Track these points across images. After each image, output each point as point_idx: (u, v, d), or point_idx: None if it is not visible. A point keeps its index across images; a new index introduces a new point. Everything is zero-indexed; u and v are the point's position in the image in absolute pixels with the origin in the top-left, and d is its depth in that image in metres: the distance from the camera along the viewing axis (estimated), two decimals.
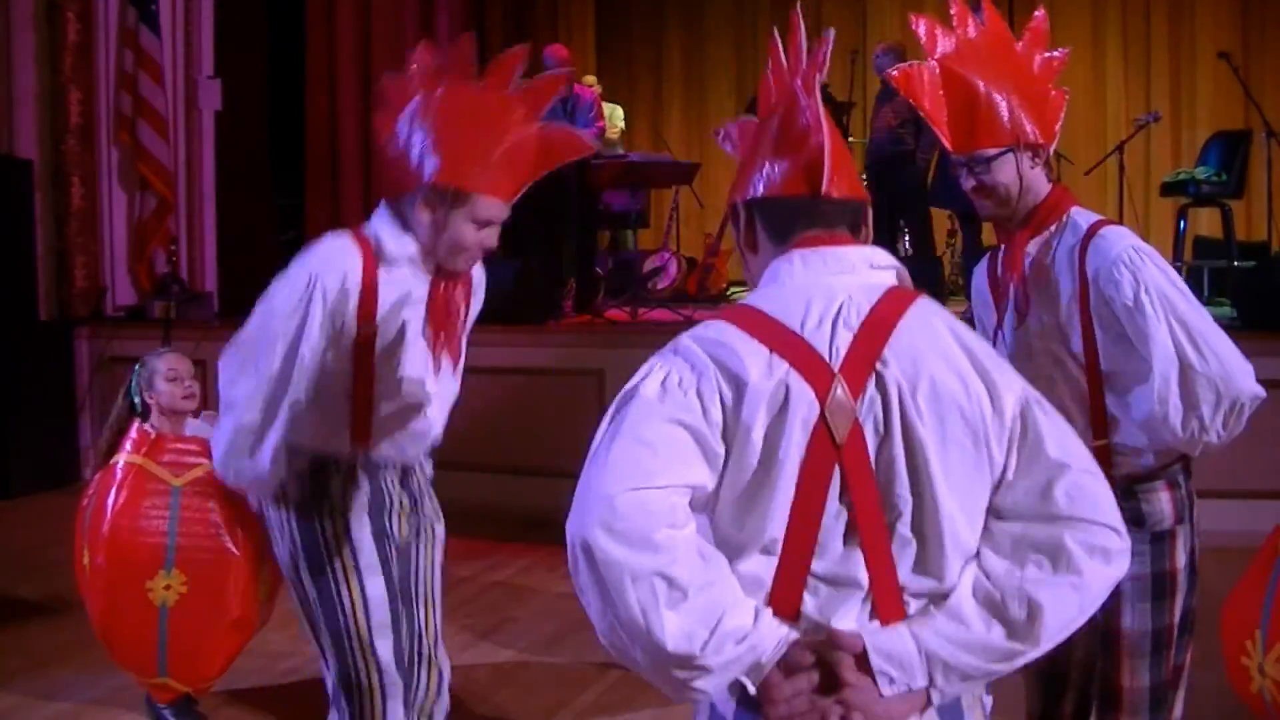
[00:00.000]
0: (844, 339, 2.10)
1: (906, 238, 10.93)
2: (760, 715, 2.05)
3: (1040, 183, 3.30)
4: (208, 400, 4.82)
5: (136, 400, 4.74)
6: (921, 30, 3.28)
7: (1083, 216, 3.30)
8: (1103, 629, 3.33)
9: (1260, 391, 3.16)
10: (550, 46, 11.30)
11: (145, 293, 10.27)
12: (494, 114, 3.17)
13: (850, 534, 2.06)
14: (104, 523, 4.50)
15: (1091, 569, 2.06)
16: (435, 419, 3.44)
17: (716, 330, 2.13)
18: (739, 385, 2.06)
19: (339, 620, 3.37)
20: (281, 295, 3.21)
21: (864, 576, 2.06)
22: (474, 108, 3.15)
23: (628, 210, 11.36)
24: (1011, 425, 2.12)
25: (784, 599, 2.07)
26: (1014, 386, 2.14)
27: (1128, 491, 3.15)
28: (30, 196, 9.48)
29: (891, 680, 2.02)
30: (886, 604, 2.07)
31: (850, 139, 11.18)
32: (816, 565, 2.06)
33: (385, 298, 3.24)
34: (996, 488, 2.12)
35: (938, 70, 3.24)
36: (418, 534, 3.49)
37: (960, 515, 2.08)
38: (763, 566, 2.07)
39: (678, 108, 15.55)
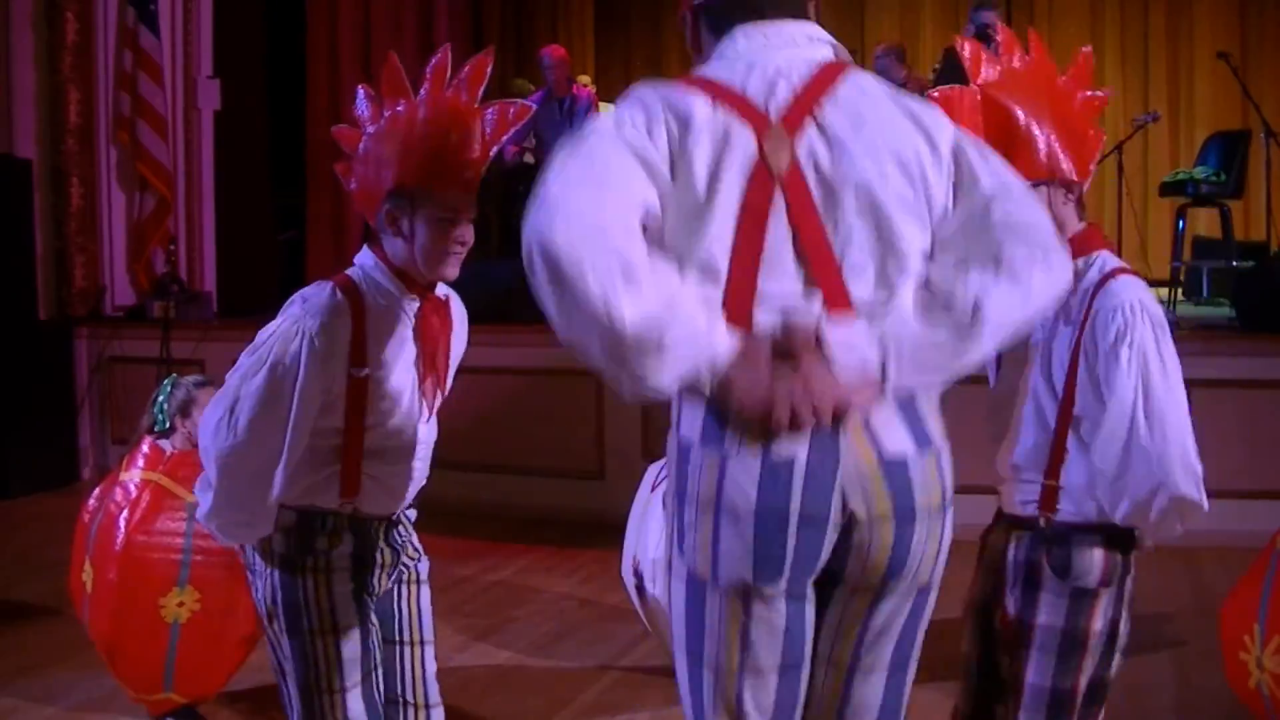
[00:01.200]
0: (783, 95, 2.29)
1: None
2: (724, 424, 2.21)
3: (1071, 219, 3.25)
4: None
5: (164, 419, 4.73)
6: (967, 54, 3.26)
7: (1110, 260, 3.28)
8: (1008, 672, 3.27)
9: (1195, 498, 3.02)
10: (548, 47, 11.30)
11: (144, 292, 10.26)
12: (434, 112, 3.18)
13: (799, 261, 2.22)
14: (116, 538, 4.50)
15: (1030, 271, 2.24)
16: (421, 467, 3.45)
17: (667, 85, 2.30)
18: (685, 121, 2.23)
19: (309, 677, 3.36)
20: (271, 349, 3.17)
21: (816, 297, 2.21)
22: (413, 114, 3.19)
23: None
24: (948, 164, 2.32)
25: (736, 316, 2.18)
26: (946, 130, 2.35)
27: (1063, 538, 3.12)
28: (29, 196, 9.47)
29: (849, 366, 2.15)
30: (839, 315, 2.21)
31: None
32: (768, 284, 2.21)
33: (375, 344, 3.23)
34: (940, 222, 2.31)
35: (979, 96, 3.24)
36: (400, 581, 3.48)
37: (911, 229, 2.26)
38: (712, 288, 2.20)
39: None
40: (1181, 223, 10.55)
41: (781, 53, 2.35)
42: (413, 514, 3.53)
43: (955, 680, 3.48)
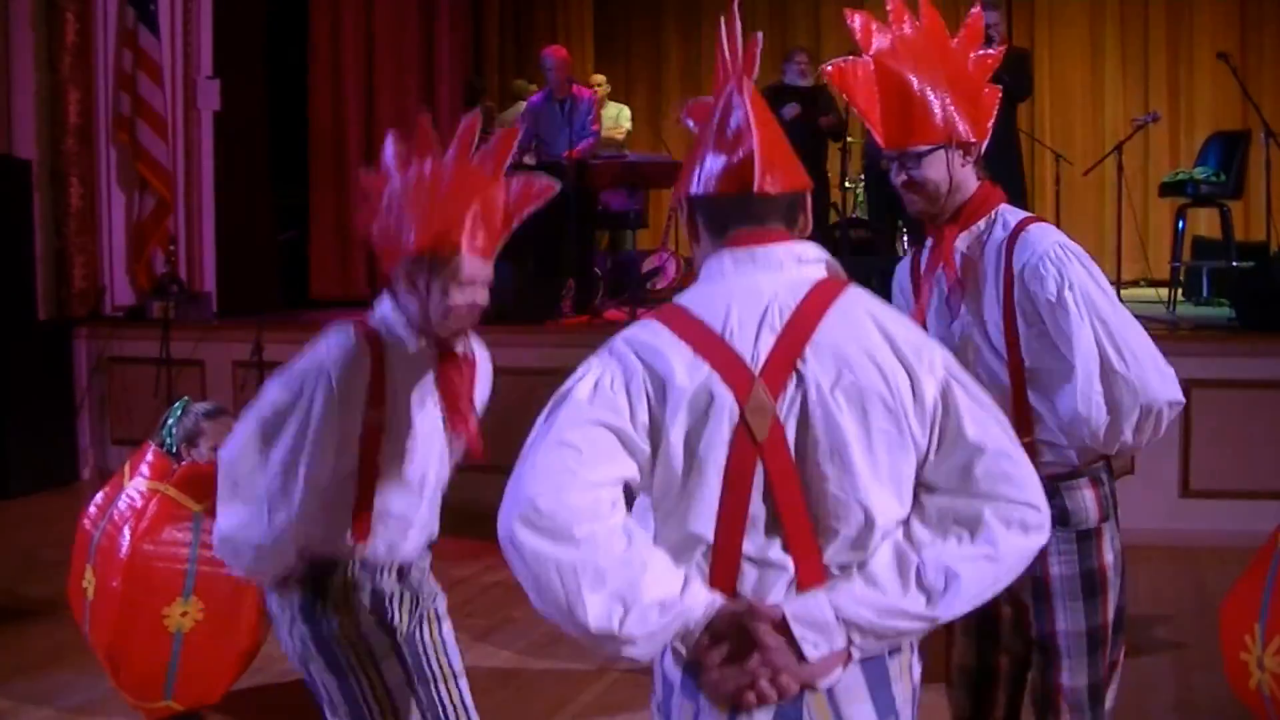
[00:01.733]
0: (767, 341, 2.25)
1: (905, 236, 10.93)
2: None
3: (969, 180, 3.33)
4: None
5: (171, 443, 4.72)
6: (857, 25, 3.27)
7: (1012, 214, 3.34)
8: (1038, 633, 3.35)
9: (1179, 398, 3.15)
10: (549, 47, 11.29)
11: (144, 293, 10.26)
12: (460, 179, 3.21)
13: (774, 523, 2.22)
14: (121, 547, 4.50)
15: (1008, 542, 2.23)
16: (430, 513, 3.50)
17: (649, 332, 2.29)
18: (663, 387, 2.22)
19: (363, 712, 3.41)
20: (292, 387, 3.22)
21: (789, 561, 2.22)
22: (440, 177, 3.21)
23: (626, 210, 11.35)
24: (932, 409, 2.25)
25: (721, 581, 2.24)
26: (935, 369, 2.27)
27: (1051, 489, 3.15)
28: (29, 196, 9.47)
29: (815, 645, 2.18)
30: (810, 583, 2.22)
31: (849, 139, 11.15)
32: (748, 548, 2.23)
33: (393, 389, 3.27)
34: (923, 465, 2.27)
35: (872, 66, 3.25)
36: (420, 621, 3.52)
37: (885, 497, 2.23)
38: (700, 556, 2.24)
39: (676, 108, 15.52)
40: (1181, 223, 10.55)
41: (768, 278, 2.31)
42: (429, 559, 3.58)
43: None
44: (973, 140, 3.28)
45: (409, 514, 3.41)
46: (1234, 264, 9.93)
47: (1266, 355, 7.37)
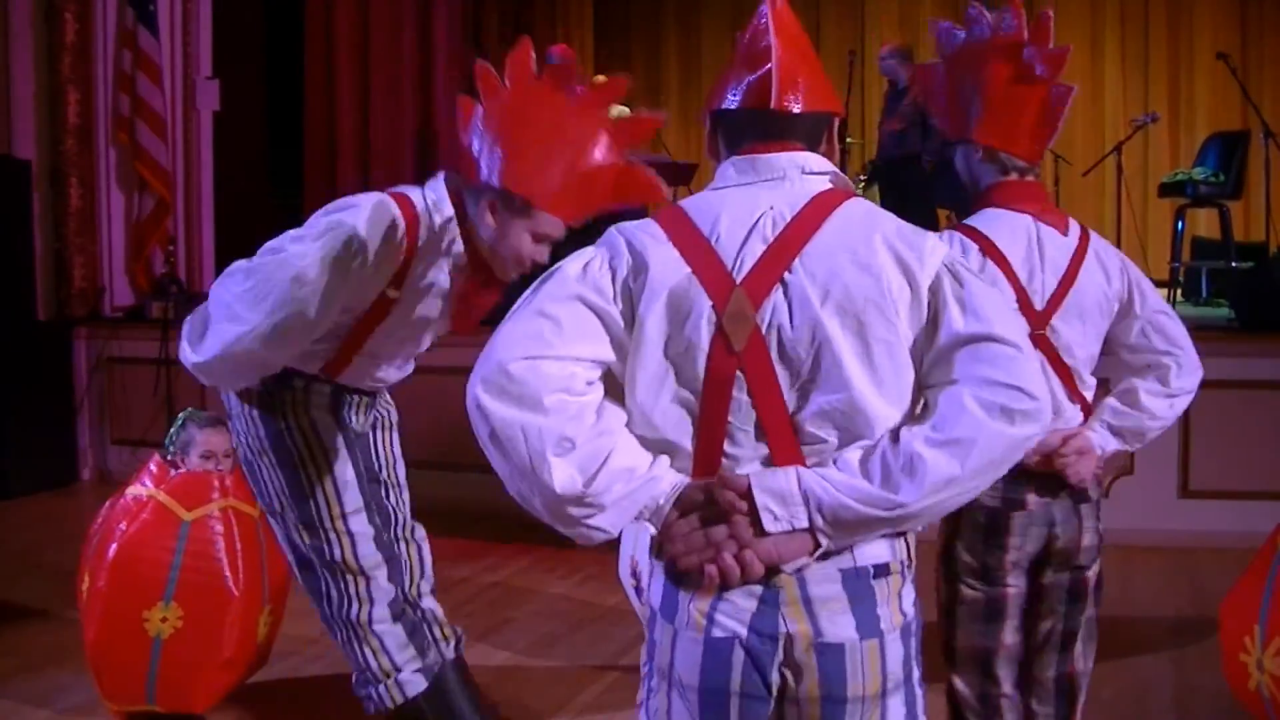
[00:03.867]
0: (755, 250, 2.24)
1: None
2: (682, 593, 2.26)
3: (988, 176, 3.53)
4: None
5: (173, 452, 4.76)
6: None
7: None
8: (1069, 622, 3.52)
9: None
10: (555, 45, 11.29)
11: (143, 293, 10.24)
12: (576, 135, 3.15)
13: (758, 432, 2.21)
14: (110, 547, 4.52)
15: (985, 427, 2.12)
16: (405, 367, 3.59)
17: (644, 227, 2.32)
18: (645, 280, 2.24)
19: (310, 507, 3.45)
20: (316, 248, 3.21)
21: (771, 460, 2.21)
22: (557, 124, 3.13)
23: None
24: (926, 306, 2.22)
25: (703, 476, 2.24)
26: (930, 264, 2.24)
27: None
28: (28, 196, 9.45)
29: (775, 517, 2.16)
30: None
31: (849, 140, 11.16)
32: (730, 448, 2.23)
33: (415, 276, 3.29)
34: (920, 364, 2.23)
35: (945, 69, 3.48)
36: (374, 425, 3.58)
37: (884, 407, 2.20)
38: (684, 452, 2.25)
39: (675, 109, 15.52)
40: (1181, 223, 10.56)
41: (768, 190, 2.30)
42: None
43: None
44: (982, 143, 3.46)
45: (382, 364, 3.53)
46: (1233, 264, 9.94)
47: (1266, 355, 7.37)
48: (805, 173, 2.33)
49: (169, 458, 4.75)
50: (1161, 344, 3.44)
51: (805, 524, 2.16)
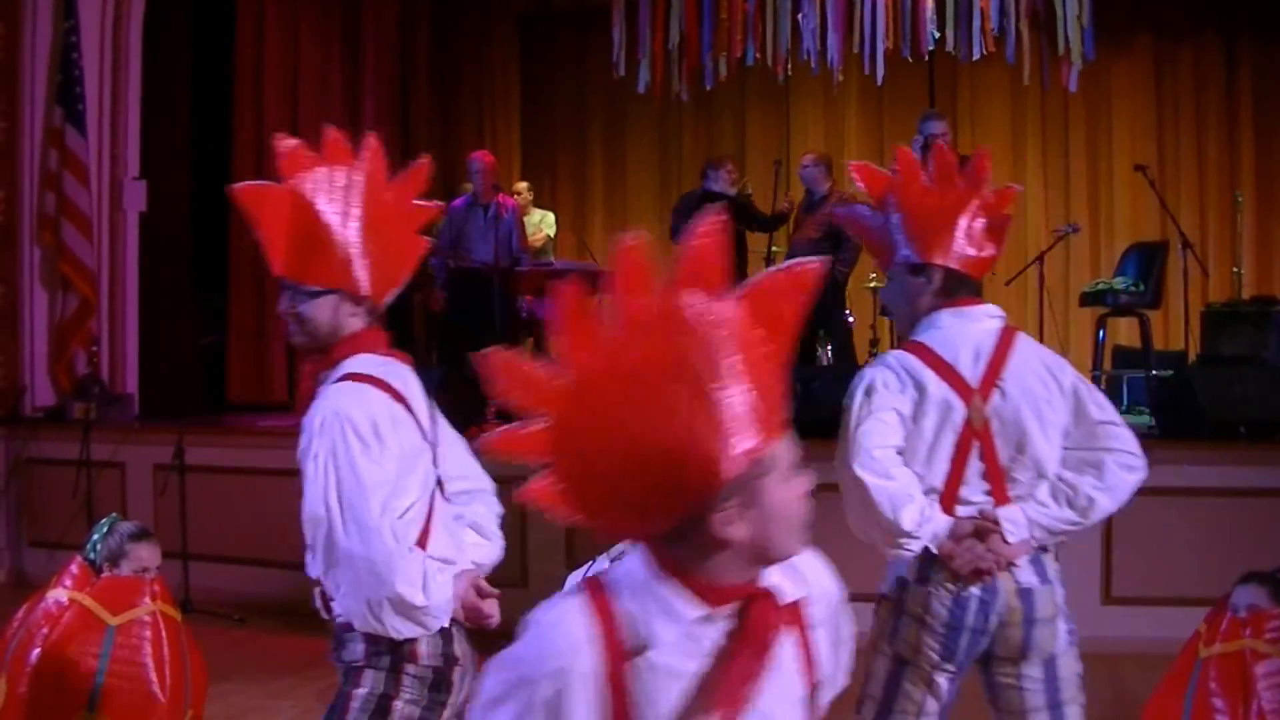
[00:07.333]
0: (981, 366, 3.73)
1: (828, 348, 10.88)
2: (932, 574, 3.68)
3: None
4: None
5: (96, 559, 4.67)
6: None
7: None
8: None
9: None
10: (477, 152, 11.35)
11: (65, 394, 10.13)
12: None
13: (984, 475, 3.70)
14: (31, 654, 4.43)
15: (1120, 478, 3.71)
16: None
17: (907, 357, 3.76)
18: (922, 391, 3.70)
19: None
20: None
21: (990, 500, 3.69)
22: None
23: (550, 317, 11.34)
24: (1069, 398, 3.74)
25: (946, 511, 3.68)
26: (1067, 377, 3.77)
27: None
28: None
29: (1013, 534, 3.64)
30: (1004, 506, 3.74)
31: (774, 249, 11.25)
32: (964, 493, 3.70)
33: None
34: (1066, 434, 3.73)
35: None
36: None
37: (1050, 458, 3.71)
38: (937, 491, 3.72)
39: (601, 215, 15.55)
40: (1102, 333, 10.67)
41: (974, 329, 3.78)
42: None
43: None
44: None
45: None
46: (1153, 373, 10.05)
47: (1186, 463, 7.46)
48: (989, 316, 3.82)
49: (94, 563, 4.66)
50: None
51: (1027, 537, 3.66)
